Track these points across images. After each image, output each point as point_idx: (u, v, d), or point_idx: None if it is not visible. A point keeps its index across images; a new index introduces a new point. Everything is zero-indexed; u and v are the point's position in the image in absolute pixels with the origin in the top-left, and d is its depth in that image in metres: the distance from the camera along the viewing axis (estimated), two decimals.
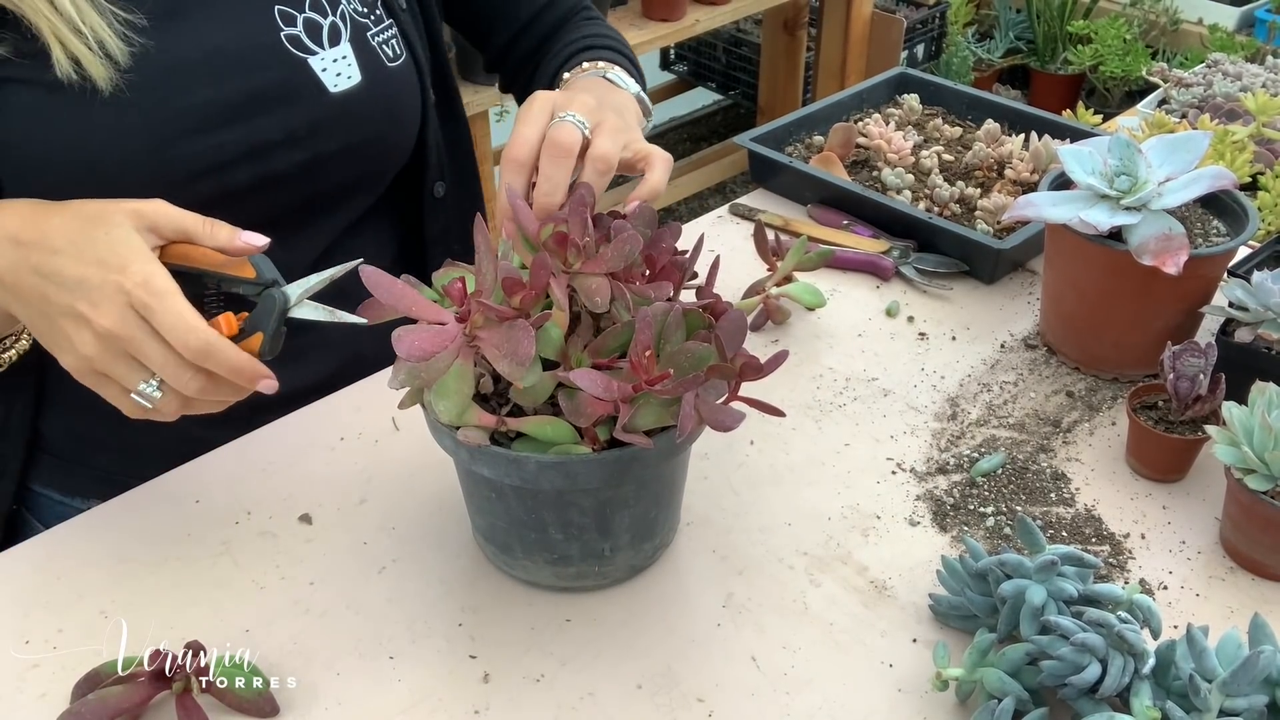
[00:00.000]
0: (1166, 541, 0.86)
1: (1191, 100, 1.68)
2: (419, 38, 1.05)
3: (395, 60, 1.01)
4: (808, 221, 1.23)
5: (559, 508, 0.76)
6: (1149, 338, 0.96)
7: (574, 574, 0.80)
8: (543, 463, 0.71)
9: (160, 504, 0.89)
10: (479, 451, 0.72)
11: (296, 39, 0.94)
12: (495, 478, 0.74)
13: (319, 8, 0.96)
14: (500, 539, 0.80)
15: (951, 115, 1.39)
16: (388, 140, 1.03)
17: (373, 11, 1.01)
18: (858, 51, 3.10)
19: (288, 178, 0.94)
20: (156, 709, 0.73)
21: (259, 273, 0.77)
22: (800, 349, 1.06)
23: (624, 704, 0.74)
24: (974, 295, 1.13)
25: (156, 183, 0.87)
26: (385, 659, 0.77)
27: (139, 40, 0.85)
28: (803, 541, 0.86)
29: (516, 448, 0.73)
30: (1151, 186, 0.93)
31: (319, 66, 0.95)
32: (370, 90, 0.98)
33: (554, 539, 0.78)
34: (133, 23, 0.85)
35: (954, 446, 0.94)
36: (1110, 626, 0.68)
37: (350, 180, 1.01)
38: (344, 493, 0.90)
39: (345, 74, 0.96)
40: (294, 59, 0.94)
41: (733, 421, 0.71)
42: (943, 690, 0.73)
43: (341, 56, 0.96)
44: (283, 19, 0.94)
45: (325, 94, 0.95)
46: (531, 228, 0.77)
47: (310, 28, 0.95)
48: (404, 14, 1.04)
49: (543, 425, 0.72)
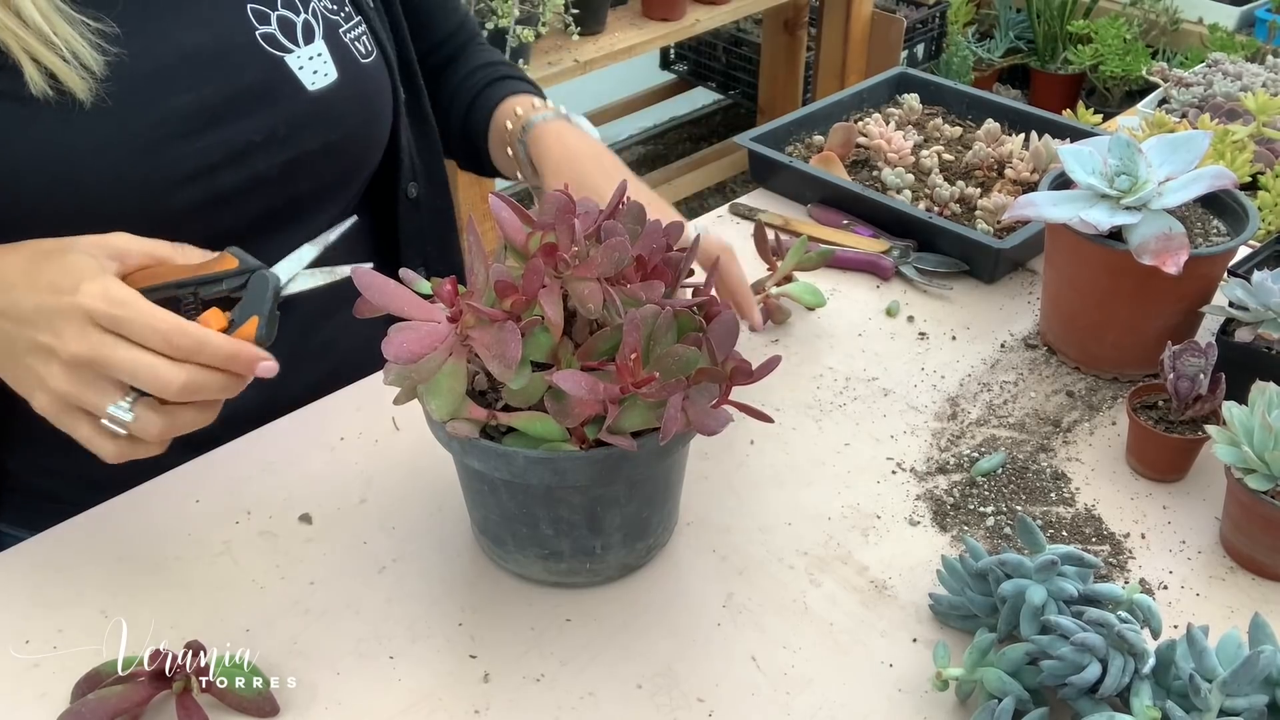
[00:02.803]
0: (1166, 541, 0.86)
1: (1191, 100, 1.68)
2: (386, 35, 1.05)
3: (367, 57, 1.00)
4: (808, 221, 1.23)
5: (549, 503, 0.76)
6: (1149, 337, 0.96)
7: (565, 570, 0.80)
8: (530, 458, 0.72)
9: (160, 504, 0.89)
10: (470, 445, 0.73)
11: (272, 37, 0.93)
12: (486, 471, 0.75)
13: (291, 5, 0.95)
14: (493, 532, 0.81)
15: (951, 115, 1.39)
16: (365, 137, 1.02)
17: (342, 9, 1.00)
18: (858, 51, 3.10)
19: (270, 179, 0.93)
20: (156, 709, 0.73)
21: (242, 261, 0.74)
22: (800, 349, 1.06)
23: (624, 704, 0.74)
24: (974, 295, 1.13)
25: (142, 191, 0.85)
26: (385, 659, 0.77)
27: (113, 50, 0.84)
28: (803, 541, 0.86)
29: (507, 442, 0.73)
30: (1151, 186, 0.93)
31: (295, 64, 0.94)
32: (347, 87, 0.97)
33: (545, 534, 0.78)
34: (104, 32, 0.84)
35: (954, 446, 0.94)
36: (1110, 626, 0.68)
37: (329, 179, 1.00)
38: (344, 493, 0.90)
39: (322, 71, 0.95)
40: (271, 58, 0.93)
41: (718, 425, 0.71)
42: (943, 690, 0.73)
43: (317, 54, 0.96)
44: (256, 17, 0.93)
45: (304, 92, 0.94)
46: (518, 238, 0.77)
47: (284, 25, 0.94)
48: (371, 11, 1.03)
49: (532, 421, 0.72)
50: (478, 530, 0.84)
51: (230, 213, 0.92)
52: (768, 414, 0.77)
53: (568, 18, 2.37)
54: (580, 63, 2.38)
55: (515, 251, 0.78)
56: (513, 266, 0.76)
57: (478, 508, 0.81)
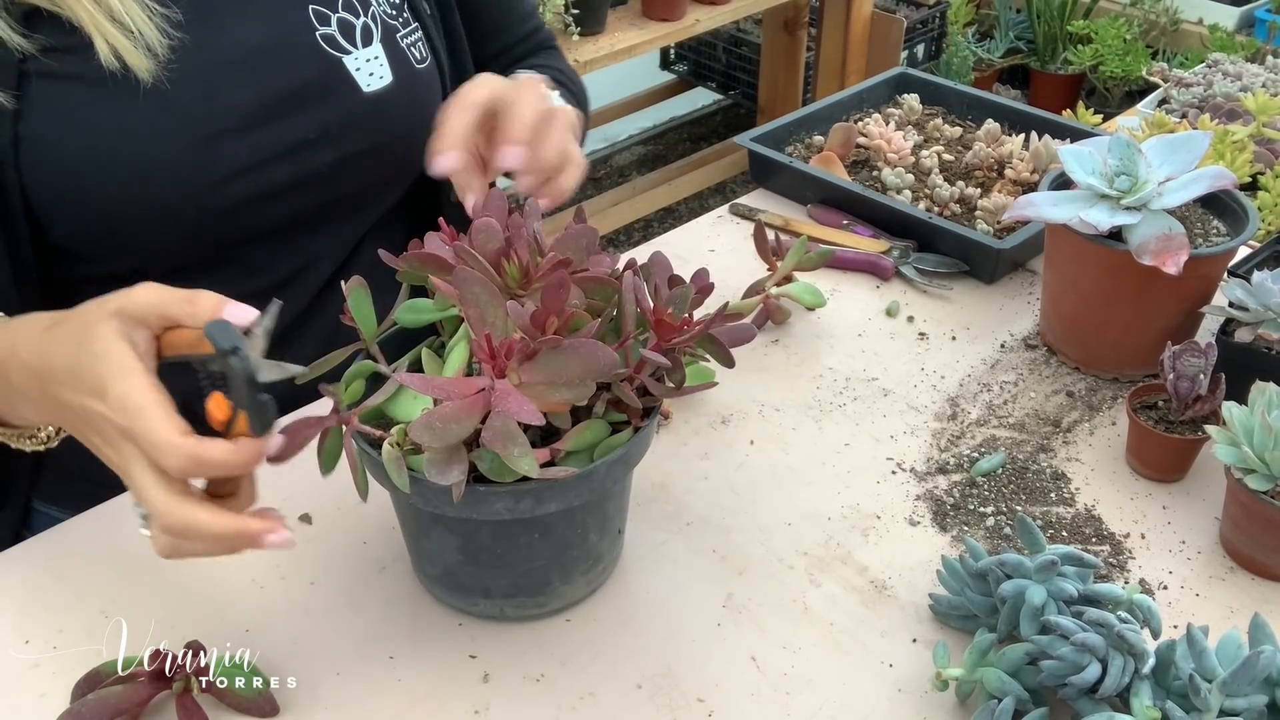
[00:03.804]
0: (1166, 541, 0.86)
1: (1191, 100, 1.68)
2: (441, 43, 1.07)
3: (422, 63, 1.02)
4: (808, 221, 1.23)
5: (592, 511, 0.76)
6: (1149, 338, 0.96)
7: (602, 570, 0.81)
8: (603, 467, 0.71)
9: None
10: (544, 487, 0.70)
11: (331, 38, 0.95)
12: (542, 511, 0.73)
13: (351, 8, 0.97)
14: (540, 577, 0.79)
15: (951, 115, 1.39)
16: (415, 140, 1.01)
17: (400, 14, 1.02)
18: (858, 51, 3.10)
19: (320, 176, 0.95)
20: (156, 709, 0.73)
21: (215, 344, 0.65)
22: (800, 349, 1.06)
23: (624, 704, 0.74)
24: (974, 295, 1.13)
25: (196, 182, 0.87)
26: (385, 659, 0.77)
27: (177, 35, 0.86)
28: (803, 541, 0.86)
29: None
30: (1151, 186, 0.93)
31: (353, 66, 0.96)
32: (400, 90, 0.99)
33: (593, 542, 0.78)
34: (169, 17, 0.86)
35: (954, 446, 0.94)
36: (1110, 626, 0.68)
37: (377, 179, 1.02)
38: (344, 493, 0.90)
39: (378, 74, 0.97)
40: (329, 58, 0.95)
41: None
42: (943, 690, 0.73)
43: (374, 56, 0.97)
44: (317, 18, 0.95)
45: (359, 93, 0.96)
46: (488, 248, 0.74)
47: (344, 27, 0.96)
48: (429, 19, 1.05)
49: (583, 432, 0.71)
50: (524, 587, 0.79)
51: (280, 207, 0.94)
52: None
53: (568, 18, 2.37)
54: (580, 63, 2.38)
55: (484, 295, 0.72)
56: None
57: (524, 561, 0.76)
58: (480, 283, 0.68)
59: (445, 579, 0.79)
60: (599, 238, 0.77)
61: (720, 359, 0.77)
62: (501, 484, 0.68)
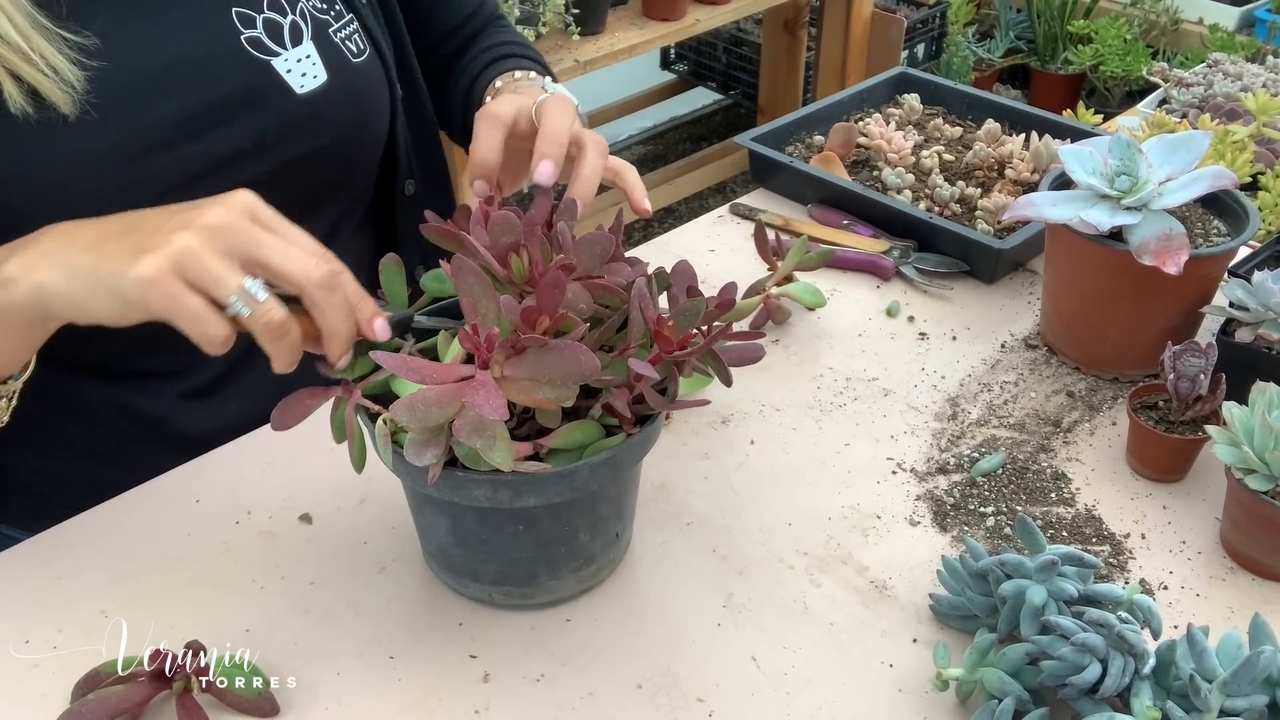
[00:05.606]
0: (1167, 541, 0.86)
1: (1192, 100, 1.68)
2: (381, 32, 1.03)
3: (360, 56, 0.99)
4: (808, 221, 1.23)
5: (589, 508, 0.76)
6: (1149, 338, 0.96)
7: (595, 571, 0.81)
8: (595, 464, 0.71)
9: (160, 504, 0.89)
10: (534, 480, 0.70)
11: (258, 41, 0.92)
12: (534, 503, 0.73)
13: (277, 7, 0.94)
14: (529, 567, 0.79)
15: (952, 115, 1.39)
16: (359, 138, 1.01)
17: (332, 8, 0.98)
18: (858, 51, 3.10)
19: (260, 185, 0.90)
20: (156, 709, 0.73)
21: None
22: (800, 349, 1.06)
23: (624, 704, 0.74)
24: (974, 295, 1.13)
25: (126, 201, 0.82)
26: (385, 659, 0.77)
27: (93, 63, 0.83)
28: (803, 541, 0.86)
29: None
30: (1152, 186, 0.93)
31: (283, 68, 0.93)
32: (337, 88, 0.96)
33: (583, 541, 0.78)
34: (84, 46, 0.83)
35: (954, 446, 0.94)
36: (1110, 626, 0.68)
37: (324, 183, 0.99)
38: (344, 493, 0.90)
39: (311, 73, 0.94)
40: (257, 62, 0.92)
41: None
42: (943, 690, 0.73)
43: (305, 56, 0.94)
44: (241, 21, 0.92)
45: (292, 96, 0.93)
46: (497, 270, 0.74)
47: (270, 28, 0.93)
48: (364, 8, 1.02)
49: (572, 432, 0.71)
50: (510, 576, 0.80)
51: None
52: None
53: (568, 18, 2.37)
54: (580, 63, 2.38)
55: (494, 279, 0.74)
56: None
57: (509, 550, 0.77)
58: (475, 273, 0.68)
59: (440, 557, 0.81)
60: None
61: (719, 375, 0.76)
62: (478, 472, 0.69)
